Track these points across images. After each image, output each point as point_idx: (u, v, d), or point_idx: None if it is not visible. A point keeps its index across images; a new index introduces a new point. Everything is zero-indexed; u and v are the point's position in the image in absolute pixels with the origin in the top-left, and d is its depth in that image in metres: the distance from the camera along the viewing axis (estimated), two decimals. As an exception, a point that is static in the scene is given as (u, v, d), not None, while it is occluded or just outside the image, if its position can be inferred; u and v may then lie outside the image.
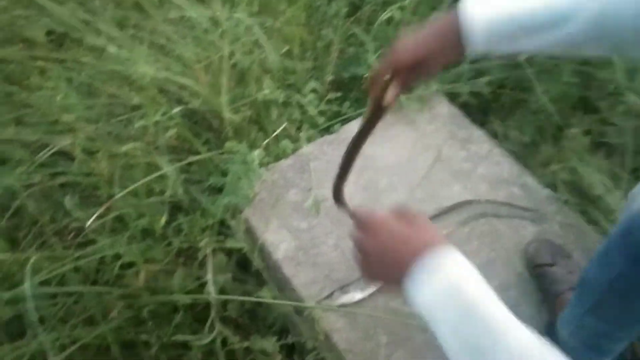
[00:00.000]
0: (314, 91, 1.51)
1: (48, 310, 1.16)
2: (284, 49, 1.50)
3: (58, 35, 1.81)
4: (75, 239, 1.28)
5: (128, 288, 1.24)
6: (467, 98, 1.54)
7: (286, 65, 1.50)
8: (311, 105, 1.48)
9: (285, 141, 1.42)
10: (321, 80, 1.56)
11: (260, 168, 1.31)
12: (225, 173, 1.28)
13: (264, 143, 1.39)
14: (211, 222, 1.26)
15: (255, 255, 1.22)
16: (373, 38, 1.55)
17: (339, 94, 1.55)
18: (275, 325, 1.29)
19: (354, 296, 1.13)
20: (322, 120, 1.52)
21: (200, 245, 1.25)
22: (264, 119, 1.46)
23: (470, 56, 0.71)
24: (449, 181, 1.34)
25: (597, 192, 1.30)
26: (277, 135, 1.43)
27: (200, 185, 1.36)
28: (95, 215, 1.10)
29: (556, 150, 1.48)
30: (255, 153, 1.21)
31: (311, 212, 1.27)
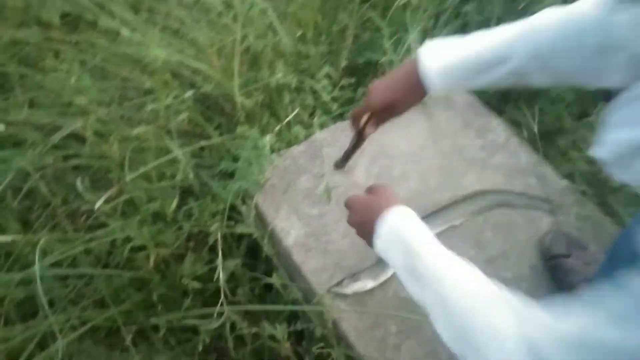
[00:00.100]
0: (328, 77, 1.49)
1: (59, 291, 1.17)
2: (298, 33, 1.47)
3: (73, 17, 1.81)
4: (86, 222, 1.29)
5: (138, 271, 1.25)
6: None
7: (300, 49, 1.48)
8: (324, 91, 1.46)
9: (297, 127, 1.40)
10: (335, 65, 1.54)
11: (271, 154, 1.30)
12: (236, 158, 1.27)
13: (276, 128, 1.37)
14: (222, 207, 1.26)
15: (265, 241, 1.21)
16: (389, 23, 1.52)
17: (353, 80, 1.53)
18: (284, 311, 1.28)
19: (365, 285, 1.11)
20: (336, 106, 1.50)
21: (210, 230, 1.24)
22: (277, 104, 1.44)
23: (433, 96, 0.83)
24: (464, 170, 1.32)
25: (616, 184, 1.27)
26: (290, 120, 1.41)
27: (211, 170, 1.36)
28: (104, 197, 1.10)
29: (575, 140, 1.44)
30: (266, 138, 1.19)
31: (322, 199, 1.26)
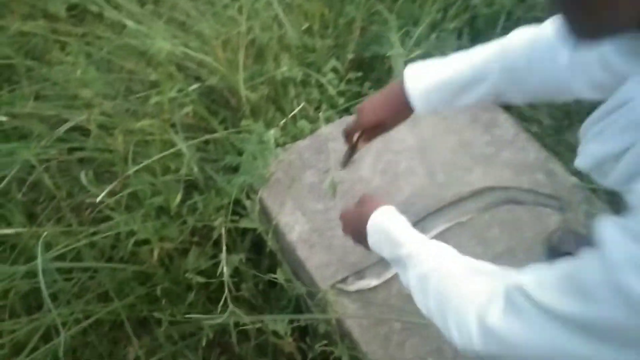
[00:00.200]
0: (334, 70, 1.47)
1: (63, 284, 1.17)
2: (304, 26, 1.46)
3: (79, 10, 1.80)
4: (91, 215, 1.29)
5: (142, 265, 1.25)
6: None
7: (306, 42, 1.47)
8: (330, 84, 1.44)
9: (303, 121, 1.39)
10: (342, 59, 1.52)
11: (276, 148, 1.29)
12: (241, 152, 1.26)
13: (282, 123, 1.36)
14: (226, 202, 1.25)
15: (269, 236, 1.21)
16: (397, 16, 1.50)
17: (360, 74, 1.51)
18: (288, 307, 1.28)
19: (370, 282, 1.10)
20: (342, 100, 1.48)
21: (214, 224, 1.24)
22: (282, 98, 1.43)
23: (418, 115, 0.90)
24: (471, 166, 1.30)
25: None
26: (295, 115, 1.40)
27: (216, 164, 1.35)
28: (107, 189, 1.09)
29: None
30: (271, 132, 1.18)
31: (327, 194, 1.24)
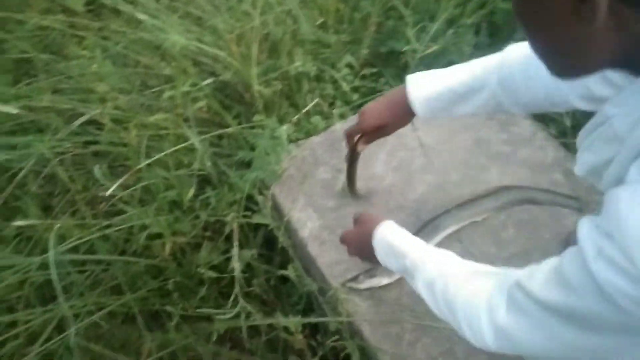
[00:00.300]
0: (349, 66, 1.46)
1: (77, 277, 1.18)
2: (319, 21, 1.44)
3: (97, 5, 1.82)
4: (104, 208, 1.30)
5: (155, 259, 1.25)
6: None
7: (320, 37, 1.45)
8: (345, 80, 1.43)
9: (316, 117, 1.38)
10: (357, 54, 1.50)
11: (290, 144, 1.28)
12: (254, 147, 1.26)
13: (295, 118, 1.35)
14: (238, 197, 1.25)
15: (281, 232, 1.20)
16: (413, 11, 1.48)
17: (375, 70, 1.49)
18: (299, 303, 1.27)
19: (381, 281, 1.09)
20: (356, 96, 1.47)
21: (227, 219, 1.24)
22: (296, 94, 1.42)
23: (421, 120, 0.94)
24: (487, 164, 1.27)
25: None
26: (309, 110, 1.39)
27: (229, 159, 1.35)
28: (119, 182, 1.10)
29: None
30: (283, 128, 1.18)
31: (339, 191, 1.23)
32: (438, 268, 0.75)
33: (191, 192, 1.25)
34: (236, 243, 1.19)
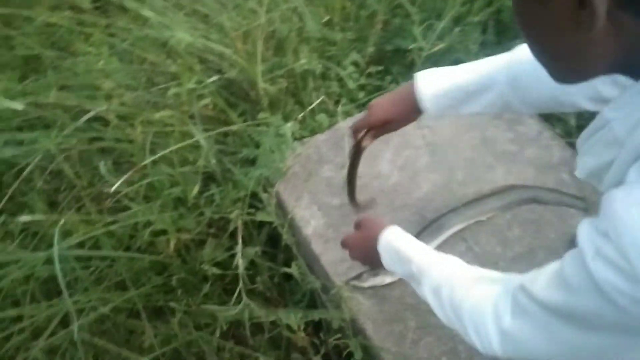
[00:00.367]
0: (355, 64, 1.46)
1: (81, 272, 1.18)
2: (325, 18, 1.44)
3: (104, 1, 1.83)
4: (110, 205, 1.30)
5: (159, 255, 1.26)
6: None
7: (326, 35, 1.45)
8: (350, 78, 1.43)
9: (322, 115, 1.38)
10: (362, 52, 1.50)
11: (294, 141, 1.28)
12: (259, 145, 1.26)
13: (300, 116, 1.35)
14: (243, 194, 1.25)
15: (285, 229, 1.20)
16: (419, 9, 1.47)
17: (381, 68, 1.49)
18: (302, 301, 1.27)
19: (384, 279, 1.09)
20: (362, 94, 1.46)
21: (231, 216, 1.24)
22: (301, 91, 1.42)
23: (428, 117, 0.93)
24: (493, 163, 1.27)
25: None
26: (314, 108, 1.39)
27: (234, 156, 1.35)
28: (123, 178, 1.10)
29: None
30: (288, 125, 1.18)
31: (344, 190, 1.23)
32: (445, 273, 0.75)
33: (196, 189, 1.25)
34: (240, 240, 1.19)
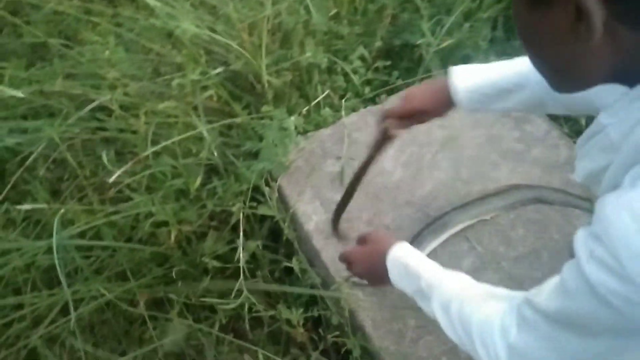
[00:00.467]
0: (361, 58, 1.44)
1: (82, 262, 1.18)
2: (332, 12, 1.42)
3: (112, -9, 1.82)
4: (112, 195, 1.30)
5: (160, 247, 1.25)
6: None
7: (333, 28, 1.43)
8: (357, 73, 1.41)
9: (326, 109, 1.37)
10: (370, 47, 1.48)
11: (298, 135, 1.27)
12: (262, 138, 1.25)
13: (304, 110, 1.34)
14: (245, 188, 1.24)
15: (286, 224, 1.19)
16: (429, 4, 1.45)
17: (388, 63, 1.47)
18: (302, 296, 1.27)
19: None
20: (368, 89, 1.45)
21: (233, 209, 1.23)
22: (306, 85, 1.41)
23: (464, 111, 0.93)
24: (499, 162, 1.25)
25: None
26: (319, 102, 1.37)
27: (237, 149, 1.34)
28: (123, 169, 1.10)
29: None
30: (291, 119, 1.16)
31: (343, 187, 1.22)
32: (454, 289, 0.75)
33: (198, 181, 1.24)
34: (242, 233, 1.19)
